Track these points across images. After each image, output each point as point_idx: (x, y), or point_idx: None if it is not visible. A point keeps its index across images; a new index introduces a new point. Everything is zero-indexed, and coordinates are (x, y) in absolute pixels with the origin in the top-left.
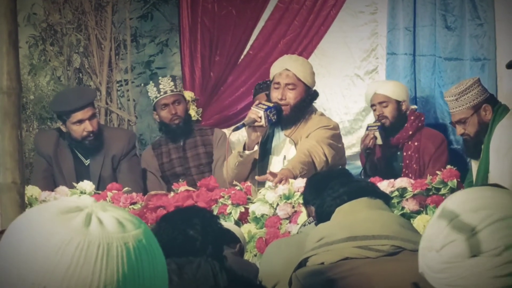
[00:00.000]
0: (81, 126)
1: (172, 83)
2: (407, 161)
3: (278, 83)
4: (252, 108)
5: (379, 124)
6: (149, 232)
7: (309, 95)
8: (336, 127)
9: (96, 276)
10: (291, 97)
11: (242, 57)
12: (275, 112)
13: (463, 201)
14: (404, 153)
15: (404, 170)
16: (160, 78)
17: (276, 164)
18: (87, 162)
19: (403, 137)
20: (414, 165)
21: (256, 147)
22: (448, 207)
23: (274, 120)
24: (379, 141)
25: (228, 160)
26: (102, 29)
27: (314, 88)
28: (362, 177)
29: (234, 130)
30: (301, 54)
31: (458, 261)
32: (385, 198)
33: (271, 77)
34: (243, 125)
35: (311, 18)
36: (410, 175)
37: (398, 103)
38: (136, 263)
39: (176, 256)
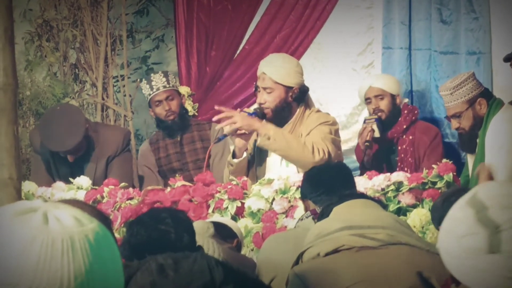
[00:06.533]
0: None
1: (164, 79)
2: (402, 155)
3: (258, 87)
4: None
5: (376, 116)
6: (101, 225)
7: (293, 94)
8: (335, 122)
9: (65, 269)
10: (270, 100)
11: (238, 52)
12: (256, 118)
13: (494, 194)
14: (399, 147)
15: (399, 164)
16: (152, 75)
17: (273, 165)
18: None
19: (397, 132)
20: (410, 159)
21: (245, 154)
22: (479, 197)
23: None
24: (377, 134)
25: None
26: (98, 25)
27: (302, 84)
28: (360, 171)
29: (216, 142)
30: (297, 49)
31: (474, 254)
32: (381, 204)
33: None
34: (225, 136)
35: (307, 13)
36: (406, 169)
37: (393, 96)
38: (98, 253)
39: (157, 253)
